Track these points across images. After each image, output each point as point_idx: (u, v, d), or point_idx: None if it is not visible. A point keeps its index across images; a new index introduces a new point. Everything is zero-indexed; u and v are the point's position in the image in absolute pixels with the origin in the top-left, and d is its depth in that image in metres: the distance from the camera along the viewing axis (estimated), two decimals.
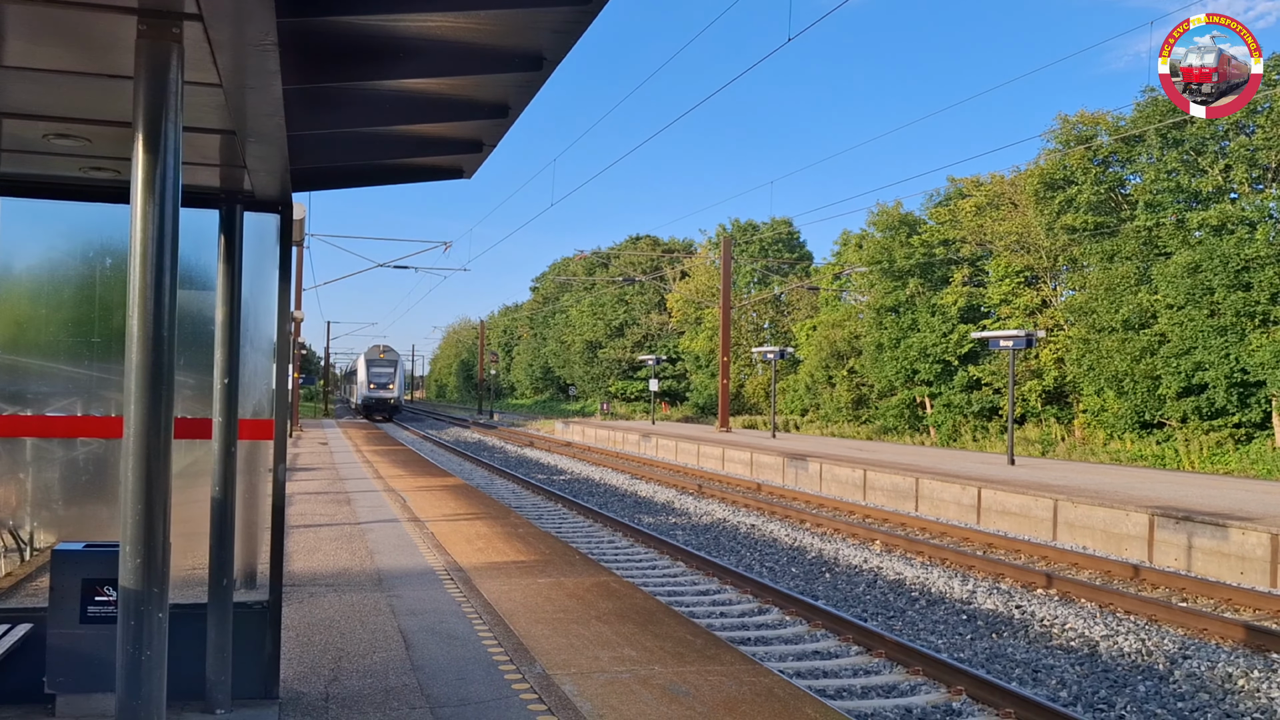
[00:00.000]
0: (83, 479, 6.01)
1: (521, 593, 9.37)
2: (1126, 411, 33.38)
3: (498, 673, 6.77)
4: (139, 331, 3.00)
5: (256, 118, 3.99)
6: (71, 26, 3.24)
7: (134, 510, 3.02)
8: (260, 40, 3.15)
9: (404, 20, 4.04)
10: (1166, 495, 18.14)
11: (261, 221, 5.80)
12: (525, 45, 4.29)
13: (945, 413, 42.60)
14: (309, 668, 6.82)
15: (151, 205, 3.01)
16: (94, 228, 5.82)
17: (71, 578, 5.20)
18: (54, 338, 5.89)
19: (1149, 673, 9.84)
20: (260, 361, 5.97)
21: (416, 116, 5.18)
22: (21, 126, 4.48)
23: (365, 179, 6.60)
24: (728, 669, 6.94)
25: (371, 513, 15.40)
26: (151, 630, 3.05)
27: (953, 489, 20.73)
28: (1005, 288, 40.72)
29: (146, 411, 3.00)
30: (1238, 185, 31.59)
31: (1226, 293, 29.37)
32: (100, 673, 5.05)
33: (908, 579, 14.21)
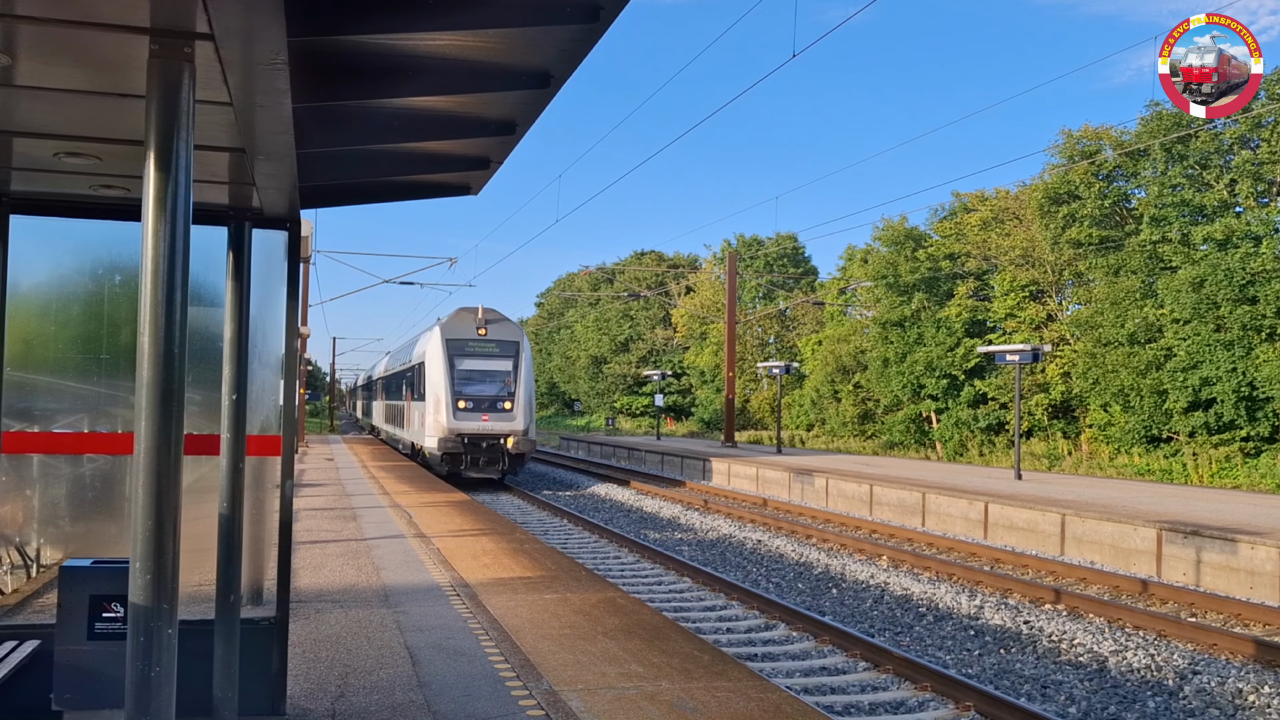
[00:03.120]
0: (90, 495, 6.03)
1: (528, 608, 9.36)
2: (1133, 426, 33.27)
3: (504, 689, 6.75)
4: (150, 348, 3.01)
5: (266, 136, 4.01)
6: (83, 46, 3.26)
7: (144, 526, 3.02)
8: (271, 59, 3.18)
9: (412, 39, 4.07)
10: (1175, 510, 18.06)
11: (269, 238, 5.82)
12: (532, 63, 4.32)
13: (952, 428, 42.51)
14: (316, 684, 6.81)
15: (163, 223, 3.03)
16: (103, 245, 5.85)
17: (79, 594, 5.19)
18: (62, 354, 5.91)
19: (1158, 688, 9.79)
20: (268, 377, 5.99)
21: (424, 134, 5.21)
22: (33, 145, 4.51)
23: (373, 196, 6.64)
24: (735, 685, 6.91)
25: (377, 528, 15.39)
26: (160, 646, 3.05)
27: (959, 504, 20.66)
28: (1011, 302, 40.70)
29: (157, 428, 3.01)
30: (1243, 199, 31.56)
31: (1232, 307, 29.32)
32: (108, 689, 5.04)
33: (915, 594, 14.16)
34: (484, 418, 27.61)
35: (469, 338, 28.57)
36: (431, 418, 28.04)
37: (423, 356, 29.93)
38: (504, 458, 27.88)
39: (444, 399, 27.63)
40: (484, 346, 28.62)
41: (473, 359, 28.37)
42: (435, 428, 27.79)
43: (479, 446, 27.55)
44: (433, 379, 28.38)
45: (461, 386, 27.93)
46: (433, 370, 28.46)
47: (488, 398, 27.95)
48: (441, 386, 27.89)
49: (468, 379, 28.11)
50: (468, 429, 27.41)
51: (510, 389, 28.26)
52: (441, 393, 27.80)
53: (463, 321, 29.13)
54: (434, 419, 27.91)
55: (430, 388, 28.44)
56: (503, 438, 27.64)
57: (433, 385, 28.30)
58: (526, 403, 28.25)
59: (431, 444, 28.14)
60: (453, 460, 27.53)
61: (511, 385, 28.30)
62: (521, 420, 27.94)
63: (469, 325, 28.90)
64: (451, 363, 28.05)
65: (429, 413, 28.34)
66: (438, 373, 28.14)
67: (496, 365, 28.49)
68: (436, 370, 28.23)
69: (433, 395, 28.22)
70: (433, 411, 28.04)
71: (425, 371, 29.17)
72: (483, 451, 27.62)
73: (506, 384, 28.34)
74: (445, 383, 27.83)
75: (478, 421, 27.50)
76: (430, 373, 28.59)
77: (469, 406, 27.57)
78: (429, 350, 29.11)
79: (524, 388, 28.27)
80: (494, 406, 27.82)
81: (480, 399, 27.89)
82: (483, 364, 28.43)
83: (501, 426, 27.62)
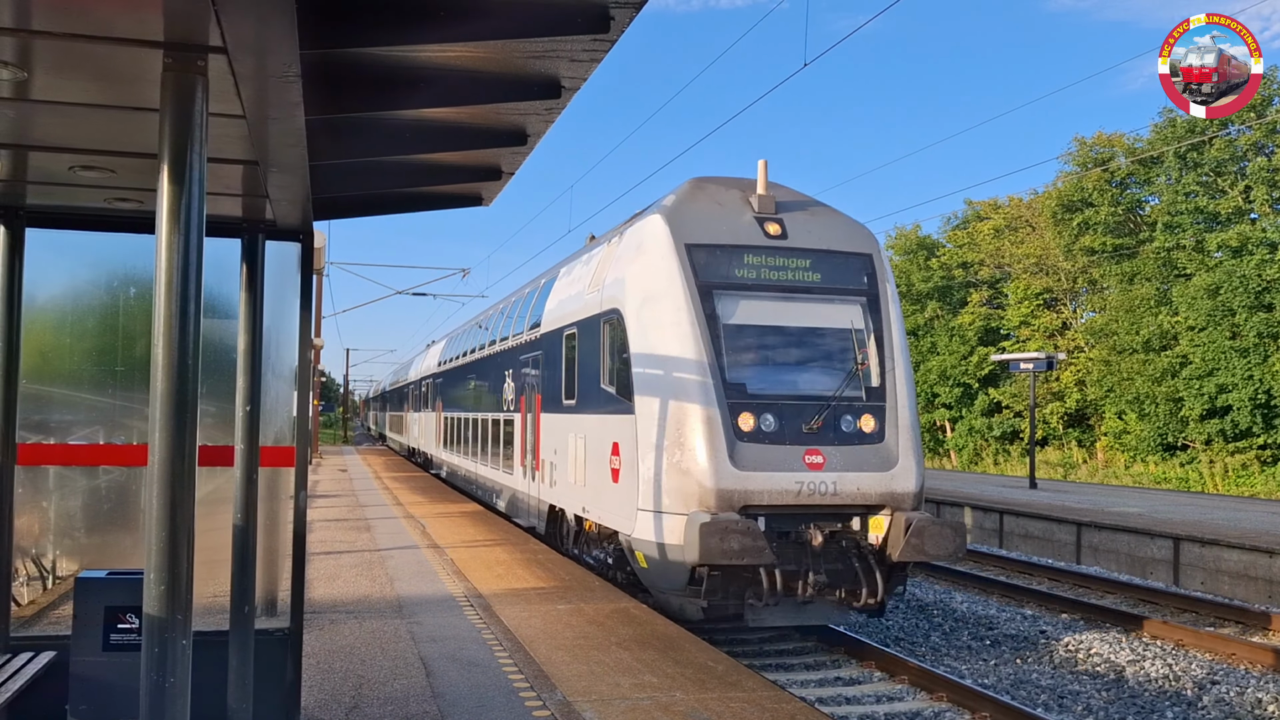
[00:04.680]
0: (105, 507, 6.05)
1: (541, 619, 9.34)
2: (1149, 434, 33.10)
3: (518, 700, 6.74)
4: (164, 360, 3.02)
5: (279, 148, 4.03)
6: (98, 60, 3.29)
7: (158, 537, 3.03)
8: (283, 72, 3.19)
9: (424, 51, 4.08)
10: (1191, 518, 17.93)
11: (283, 250, 5.85)
12: (544, 74, 4.33)
13: (966, 436, 42.37)
14: (330, 695, 6.81)
15: (176, 235, 3.04)
16: (117, 258, 5.88)
17: (95, 605, 5.21)
18: (78, 367, 5.95)
19: (1177, 699, 9.71)
20: (281, 389, 6.00)
21: (437, 145, 5.22)
22: (48, 159, 4.54)
23: (386, 207, 6.66)
24: (749, 695, 6.89)
25: (391, 539, 15.40)
26: (175, 658, 3.06)
27: (974, 513, 20.57)
28: (1024, 310, 40.59)
29: (171, 439, 3.02)
30: (1258, 206, 31.41)
31: (1248, 314, 29.17)
32: (123, 701, 5.05)
33: (929, 603, 14.08)
34: (810, 457, 10.65)
35: (745, 244, 11.35)
36: (655, 461, 10.58)
37: (606, 304, 12.22)
38: (868, 567, 10.53)
39: (695, 412, 10.39)
40: (786, 267, 11.44)
41: (759, 297, 11.25)
42: (674, 488, 10.35)
43: (801, 539, 10.46)
44: (648, 355, 11.15)
45: (743, 373, 10.87)
46: (648, 330, 11.14)
47: (813, 401, 10.89)
48: (689, 376, 10.57)
49: (756, 350, 11.13)
50: (770, 488, 10.32)
51: (871, 380, 11.19)
52: (690, 392, 10.52)
53: (712, 206, 11.71)
54: (663, 465, 10.50)
55: (645, 379, 11.05)
56: (862, 512, 10.75)
57: (649, 373, 11.06)
58: (910, 415, 11.20)
59: (655, 532, 10.43)
60: (724, 582, 10.21)
61: (872, 369, 11.24)
62: (909, 463, 10.78)
63: (734, 214, 11.63)
64: (707, 312, 10.87)
65: (640, 449, 10.83)
66: (671, 337, 10.84)
67: (824, 314, 11.43)
68: (662, 332, 10.96)
69: (652, 399, 10.88)
70: (655, 447, 10.60)
71: (612, 338, 12.00)
72: (811, 554, 10.44)
73: (858, 365, 11.23)
74: (699, 363, 10.56)
75: (795, 469, 10.49)
76: (645, 337, 11.17)
77: (770, 429, 10.66)
78: (633, 280, 11.52)
79: (901, 373, 11.26)
80: (836, 427, 10.89)
81: (793, 404, 10.84)
82: (788, 310, 11.31)
83: (861, 483, 10.63)
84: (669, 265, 10.81)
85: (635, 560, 10.79)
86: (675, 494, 10.07)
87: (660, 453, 10.27)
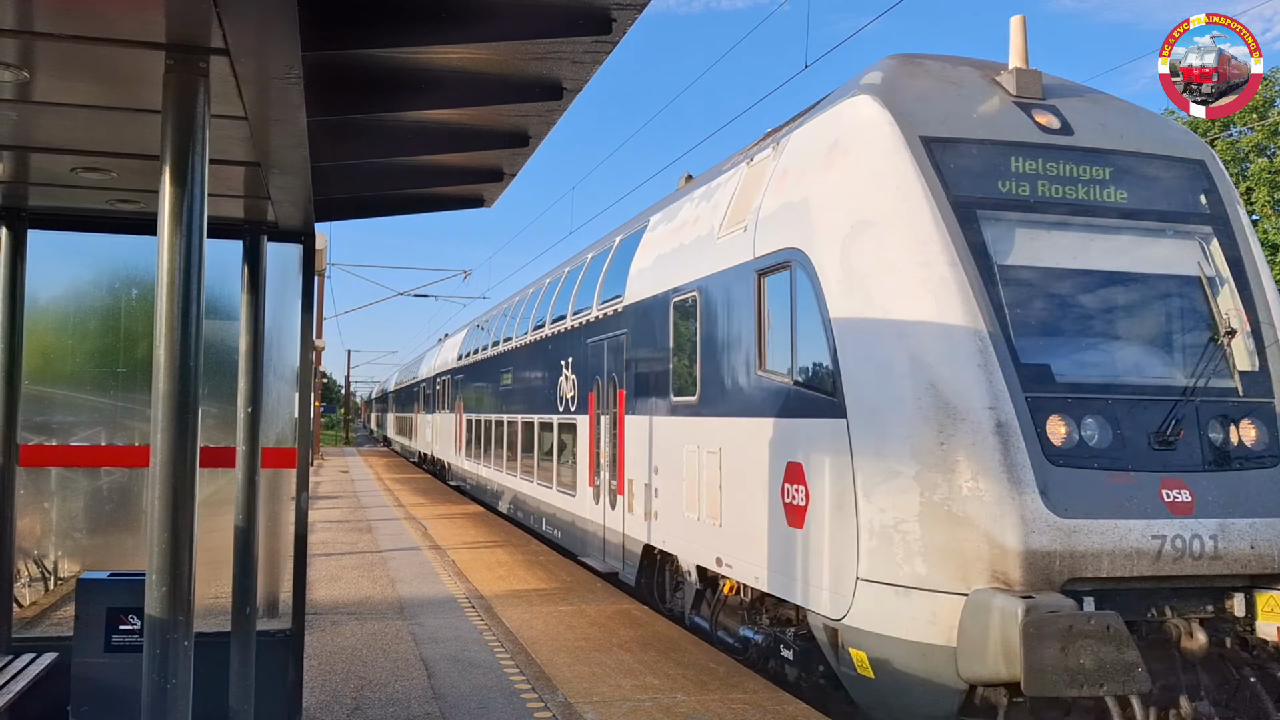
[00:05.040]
0: (107, 508, 6.05)
1: (543, 620, 9.34)
2: None
3: (520, 701, 6.74)
4: (165, 361, 3.03)
5: (281, 150, 4.04)
6: (100, 62, 3.29)
7: (160, 539, 3.03)
8: (285, 74, 3.19)
9: (426, 53, 4.08)
10: None
11: (284, 251, 5.86)
12: (545, 75, 4.33)
13: None
14: (331, 696, 6.81)
15: (178, 237, 3.05)
16: (119, 259, 5.89)
17: (96, 607, 5.21)
18: (80, 368, 5.95)
19: None
20: (283, 390, 6.01)
21: (438, 146, 5.23)
22: (50, 161, 4.55)
23: (387, 208, 6.67)
24: (751, 697, 6.89)
25: (392, 540, 15.41)
26: (177, 659, 3.06)
27: None
28: None
29: (173, 440, 3.02)
30: (1259, 208, 31.40)
31: None
32: (124, 701, 5.06)
33: None
34: (1170, 491, 5.97)
35: (1013, 139, 6.92)
36: (893, 499, 6.12)
37: (765, 246, 7.82)
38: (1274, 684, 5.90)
39: (972, 414, 5.92)
40: (1077, 179, 6.99)
41: (1048, 226, 6.80)
42: (939, 546, 5.88)
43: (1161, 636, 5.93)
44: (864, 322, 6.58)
45: (1043, 348, 6.32)
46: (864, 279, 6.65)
47: (1161, 396, 6.36)
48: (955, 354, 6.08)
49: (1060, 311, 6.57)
50: (1112, 548, 5.75)
51: (1239, 359, 6.69)
52: (956, 381, 6.01)
53: (946, 88, 7.27)
54: (913, 505, 6.01)
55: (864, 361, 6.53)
56: (1247, 585, 6.01)
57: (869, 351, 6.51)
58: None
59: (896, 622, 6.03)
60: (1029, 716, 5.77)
61: (1240, 343, 6.70)
62: None
63: (979, 97, 7.26)
64: (973, 247, 6.36)
65: (859, 477, 6.33)
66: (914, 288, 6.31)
67: (1151, 254, 6.99)
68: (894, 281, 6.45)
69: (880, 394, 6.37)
70: (892, 474, 6.15)
71: (779, 298, 7.64)
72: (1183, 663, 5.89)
73: (1222, 335, 6.63)
74: (972, 330, 6.07)
75: (1149, 514, 5.87)
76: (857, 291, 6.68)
77: (1098, 443, 6.07)
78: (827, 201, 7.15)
79: None
80: (1201, 439, 6.29)
81: (1131, 401, 6.26)
82: (1093, 246, 6.85)
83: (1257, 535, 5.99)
84: (901, 170, 6.64)
85: (847, 661, 6.48)
86: (942, 556, 5.89)
87: (907, 484, 6.06)
